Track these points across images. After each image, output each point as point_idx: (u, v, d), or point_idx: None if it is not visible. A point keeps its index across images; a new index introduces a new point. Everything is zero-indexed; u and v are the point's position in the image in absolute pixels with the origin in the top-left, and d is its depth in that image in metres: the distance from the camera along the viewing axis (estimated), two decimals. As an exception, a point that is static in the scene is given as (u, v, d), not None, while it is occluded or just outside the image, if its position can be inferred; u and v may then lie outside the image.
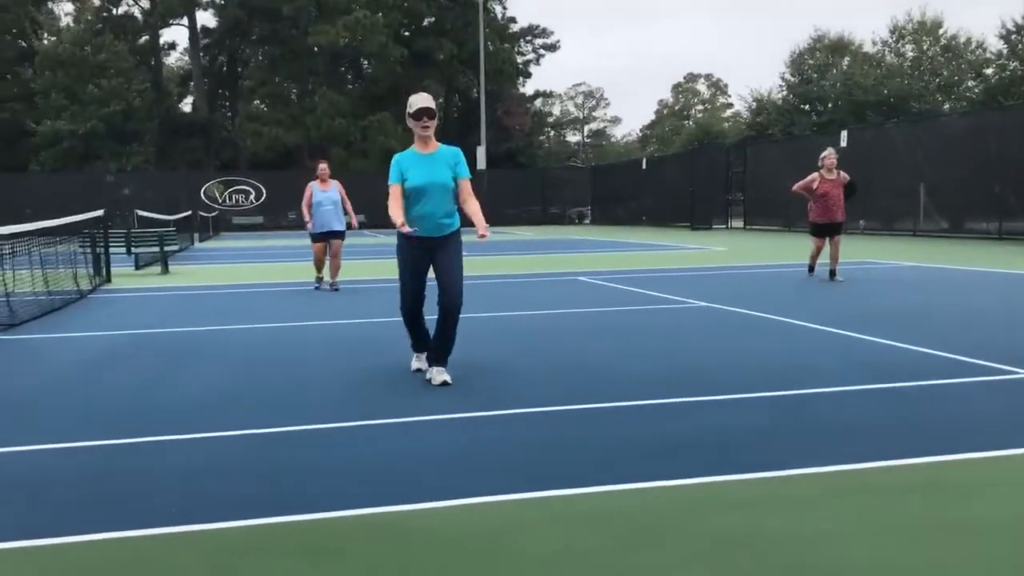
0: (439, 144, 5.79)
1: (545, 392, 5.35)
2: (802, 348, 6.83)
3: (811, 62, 52.58)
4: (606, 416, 4.77)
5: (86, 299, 11.42)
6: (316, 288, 12.00)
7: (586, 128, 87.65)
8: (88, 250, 13.90)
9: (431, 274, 5.82)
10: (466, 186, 5.80)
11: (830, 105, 49.73)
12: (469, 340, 7.47)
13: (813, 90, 50.60)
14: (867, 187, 22.81)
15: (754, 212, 33.64)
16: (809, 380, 5.55)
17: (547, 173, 51.74)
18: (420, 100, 5.63)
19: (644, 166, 43.43)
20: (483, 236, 5.61)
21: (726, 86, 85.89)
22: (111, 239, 14.96)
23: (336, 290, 11.67)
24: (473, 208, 5.83)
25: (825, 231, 12.17)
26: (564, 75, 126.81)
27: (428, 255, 5.74)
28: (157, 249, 16.51)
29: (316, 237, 11.91)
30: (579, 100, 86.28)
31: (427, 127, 5.61)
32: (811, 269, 12.53)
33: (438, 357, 5.67)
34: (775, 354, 6.56)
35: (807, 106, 51.33)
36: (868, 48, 52.71)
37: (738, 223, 34.83)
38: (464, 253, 6.06)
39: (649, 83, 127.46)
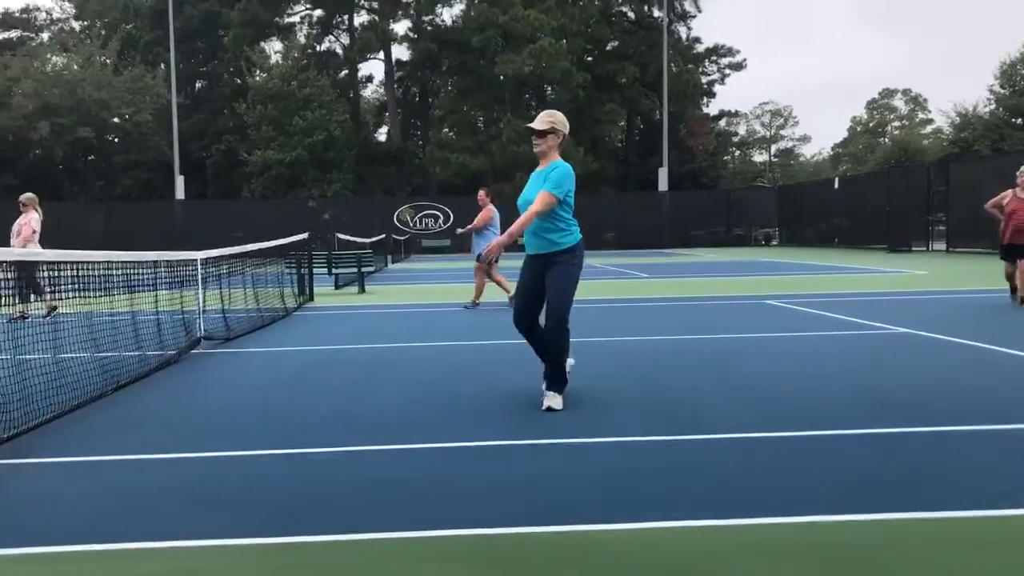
0: (553, 161, 5.67)
1: (736, 418, 5.22)
2: (1018, 380, 6.32)
3: (1025, 72, 48.71)
4: (803, 444, 4.61)
5: (291, 316, 12.21)
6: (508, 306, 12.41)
7: (773, 147, 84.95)
8: (293, 271, 14.87)
9: None
10: (539, 195, 5.54)
11: (1047, 118, 45.84)
12: (655, 362, 7.42)
13: (1027, 102, 46.81)
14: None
15: (958, 233, 31.39)
16: (1027, 414, 5.13)
17: (732, 194, 50.54)
18: (536, 119, 5.69)
19: (836, 185, 41.58)
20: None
21: (925, 101, 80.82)
22: (314, 260, 15.94)
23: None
24: (523, 216, 5.57)
25: (1011, 253, 11.35)
26: (750, 94, 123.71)
27: (539, 272, 5.65)
28: (355, 270, 17.42)
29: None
30: (766, 119, 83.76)
31: (536, 144, 5.68)
32: (1013, 291, 11.57)
33: (548, 381, 5.60)
34: (986, 385, 6.10)
35: (1020, 120, 47.50)
36: (1094, 55, 48.24)
37: (940, 245, 32.64)
38: (644, 275, 6.02)
39: (841, 100, 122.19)
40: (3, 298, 10.75)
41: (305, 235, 15.40)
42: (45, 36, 60.42)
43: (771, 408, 5.49)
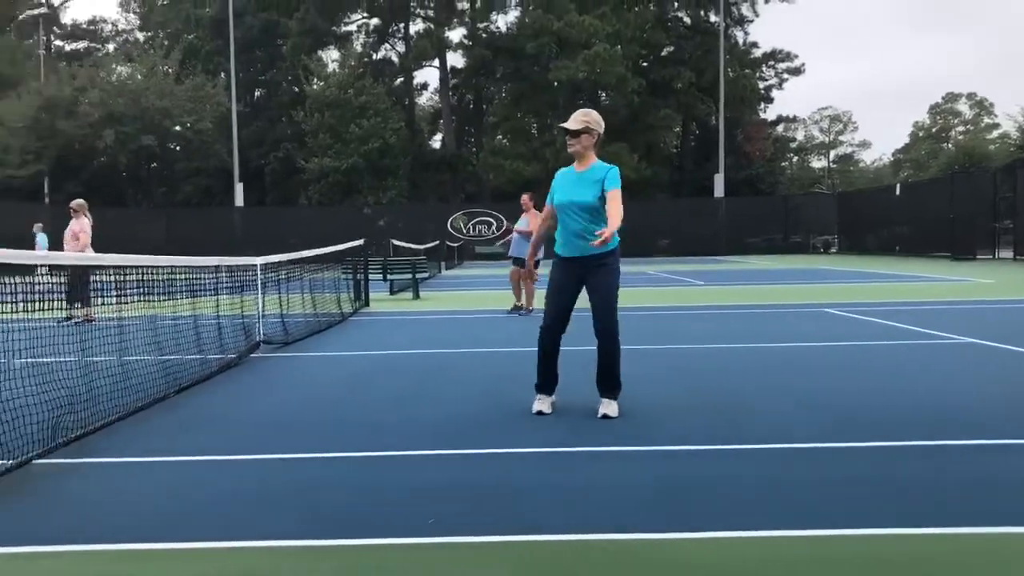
0: (594, 162, 5.59)
1: (798, 428, 5.13)
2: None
3: (1097, 74, 47.16)
4: (866, 456, 4.51)
5: (347, 321, 12.34)
6: (508, 313, 12.54)
7: (832, 153, 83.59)
8: (350, 276, 15.02)
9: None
10: (610, 195, 5.39)
11: (1121, 121, 44.33)
12: (712, 370, 7.33)
13: (1099, 105, 45.33)
14: None
15: (1027, 241, 30.49)
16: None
17: (789, 200, 49.83)
18: (570, 118, 5.58)
19: (897, 192, 40.74)
20: (597, 238, 5.07)
21: (991, 105, 78.69)
22: (369, 267, 16.09)
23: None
24: (611, 213, 5.30)
25: None
26: (809, 99, 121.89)
27: (577, 277, 5.52)
28: (410, 276, 17.55)
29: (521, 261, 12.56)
30: (824, 124, 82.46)
31: (570, 145, 5.57)
32: None
33: (603, 388, 5.52)
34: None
35: (1092, 123, 46.06)
36: None
37: (1007, 253, 31.72)
38: (699, 282, 5.92)
39: (903, 105, 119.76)
40: (70, 301, 11.04)
41: (361, 241, 15.56)
42: (111, 47, 62.25)
43: (833, 418, 5.38)
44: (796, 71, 60.97)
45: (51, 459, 4.61)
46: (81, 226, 12.90)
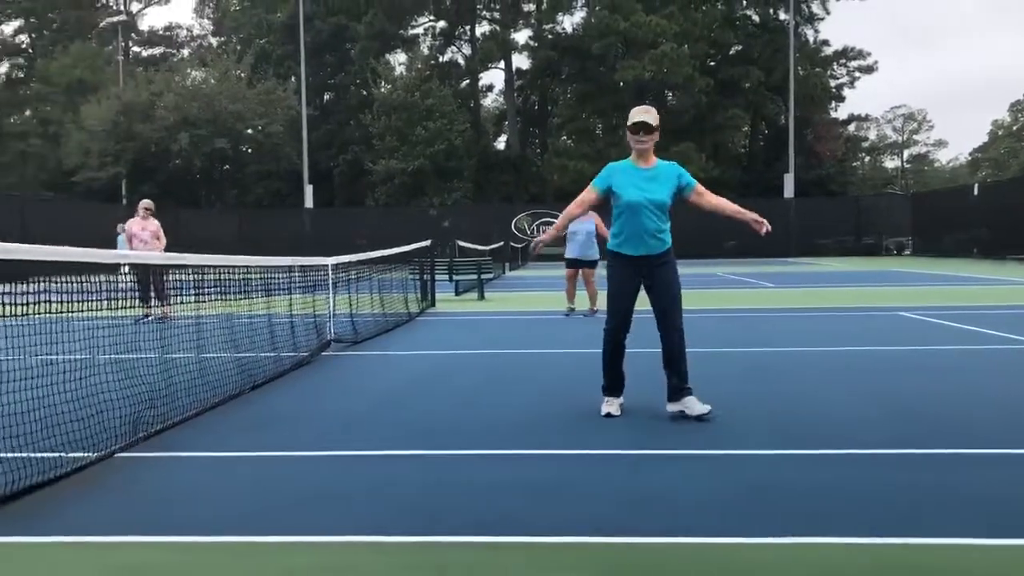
0: (656, 160, 5.57)
1: (875, 433, 5.00)
2: None
3: None
4: (949, 463, 4.38)
5: (414, 321, 12.45)
6: (566, 316, 12.43)
7: (906, 153, 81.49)
8: (416, 277, 15.16)
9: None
10: (700, 190, 5.61)
11: None
12: (785, 374, 7.21)
13: None
14: None
15: (1115, 243, 29.29)
16: None
17: (861, 201, 48.71)
18: (638, 113, 5.51)
19: (975, 192, 39.49)
20: (761, 224, 5.54)
21: (1077, 101, 75.78)
22: (436, 267, 16.21)
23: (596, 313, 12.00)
24: (725, 203, 5.73)
25: None
26: (882, 97, 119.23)
27: (639, 276, 5.50)
28: (475, 277, 17.63)
29: (569, 263, 12.57)
30: (898, 123, 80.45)
31: (642, 142, 5.47)
32: None
33: (680, 388, 5.42)
34: None
35: None
36: None
37: (1093, 255, 30.55)
38: (769, 285, 5.85)
39: (981, 102, 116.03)
40: (151, 300, 11.35)
41: (427, 242, 15.68)
42: (185, 52, 63.98)
43: (918, 424, 5.23)
44: (868, 69, 59.64)
45: (132, 452, 4.75)
46: (156, 227, 13.30)
